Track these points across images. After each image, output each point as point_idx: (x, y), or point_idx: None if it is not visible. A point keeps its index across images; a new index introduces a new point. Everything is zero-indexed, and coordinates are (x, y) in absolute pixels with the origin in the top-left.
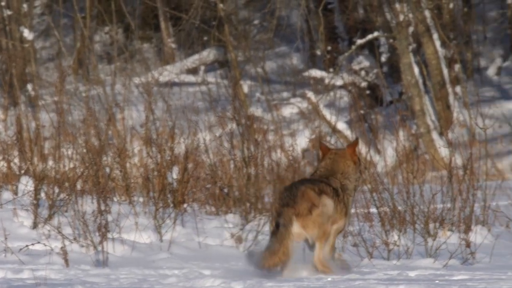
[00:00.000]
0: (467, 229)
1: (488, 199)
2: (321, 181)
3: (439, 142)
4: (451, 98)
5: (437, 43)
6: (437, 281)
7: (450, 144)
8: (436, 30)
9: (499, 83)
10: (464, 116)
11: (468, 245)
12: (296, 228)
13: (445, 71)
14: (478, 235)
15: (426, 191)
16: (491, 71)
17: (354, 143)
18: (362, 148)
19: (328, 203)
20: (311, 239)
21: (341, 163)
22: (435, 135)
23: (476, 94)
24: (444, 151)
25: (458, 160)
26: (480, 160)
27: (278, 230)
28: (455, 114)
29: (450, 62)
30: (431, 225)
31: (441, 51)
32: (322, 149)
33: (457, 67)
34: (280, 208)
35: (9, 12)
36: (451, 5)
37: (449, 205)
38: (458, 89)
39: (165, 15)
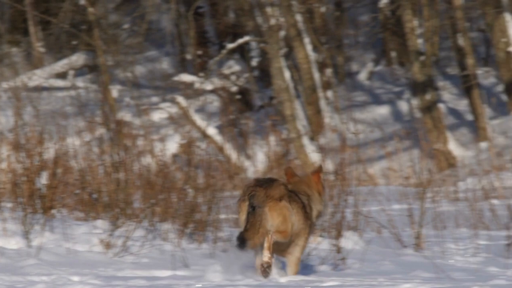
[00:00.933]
0: (338, 235)
1: (359, 204)
2: (293, 191)
3: (310, 147)
4: (322, 102)
5: (309, 47)
6: (308, 287)
7: (321, 149)
8: (308, 34)
9: (371, 88)
10: (336, 121)
11: (339, 250)
12: (267, 209)
13: (316, 76)
14: (349, 240)
15: None
16: (362, 76)
17: (318, 171)
18: (232, 154)
19: (293, 208)
20: (271, 227)
21: (305, 188)
22: (306, 140)
23: (347, 99)
24: (315, 156)
25: (329, 165)
26: (352, 165)
27: (255, 211)
28: (326, 119)
29: (321, 67)
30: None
31: (312, 55)
32: (287, 175)
33: (328, 71)
34: (254, 187)
35: None
36: (322, 9)
37: None
38: (329, 93)
39: (34, 19)
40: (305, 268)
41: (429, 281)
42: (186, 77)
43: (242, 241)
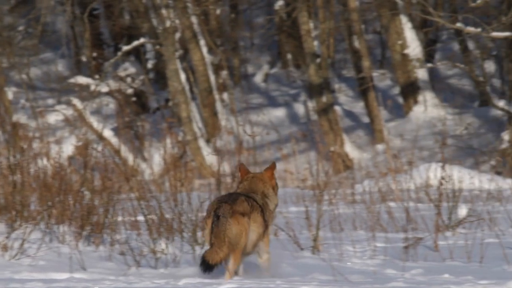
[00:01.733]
0: None
1: None
2: (250, 197)
3: (206, 150)
4: (218, 105)
5: (204, 50)
6: None
7: (217, 151)
8: (203, 36)
9: (267, 90)
10: (232, 123)
11: None
12: (232, 220)
13: (212, 78)
14: None
15: (194, 199)
16: (258, 78)
17: (271, 167)
18: (128, 156)
19: (255, 221)
20: (234, 237)
21: (260, 185)
22: (202, 143)
23: (243, 101)
24: (211, 159)
25: (226, 168)
26: (249, 167)
27: (219, 220)
28: (222, 121)
29: (217, 69)
30: (199, 233)
31: (208, 57)
32: (241, 172)
33: (224, 73)
34: (217, 203)
35: None
36: (218, 11)
37: None
38: (225, 96)
39: None
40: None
41: (327, 283)
42: (81, 79)
43: (207, 266)
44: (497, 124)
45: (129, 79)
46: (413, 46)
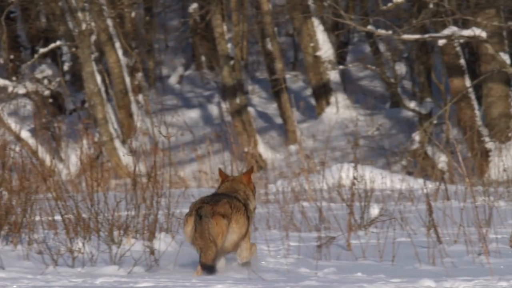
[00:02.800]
0: (151, 236)
1: (172, 206)
2: (233, 197)
3: (122, 150)
4: (133, 106)
5: (120, 52)
6: None
7: (133, 152)
8: (119, 39)
9: (181, 92)
10: (147, 124)
11: (152, 252)
12: (212, 220)
13: (127, 80)
14: (162, 242)
15: (110, 199)
16: (173, 80)
17: (250, 171)
18: (45, 156)
19: (237, 220)
20: (211, 238)
21: (241, 186)
22: (117, 143)
23: (158, 103)
24: (127, 159)
25: (142, 168)
26: (163, 168)
27: (202, 220)
28: (137, 122)
29: (132, 71)
30: (116, 233)
31: (123, 59)
32: (220, 176)
33: (139, 75)
34: (200, 203)
35: None
36: (133, 14)
37: (133, 212)
38: (140, 97)
39: None
40: (118, 269)
41: (242, 282)
42: None
43: (208, 268)
44: (408, 125)
45: (45, 81)
46: (325, 48)
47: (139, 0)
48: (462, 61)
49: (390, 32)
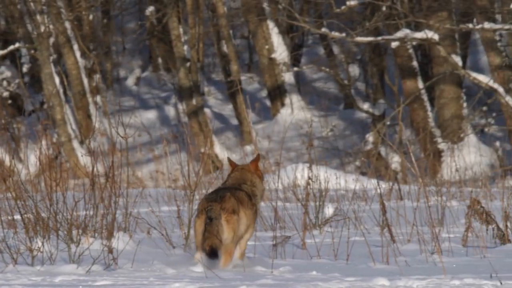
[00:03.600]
0: (109, 236)
1: (129, 206)
2: (237, 189)
3: (80, 151)
4: (91, 107)
5: (78, 54)
6: (80, 287)
7: (91, 152)
8: (77, 41)
9: (138, 93)
10: (105, 125)
11: (110, 251)
12: (223, 219)
13: (86, 81)
14: (120, 241)
15: (69, 199)
16: (130, 81)
17: (256, 159)
18: (4, 157)
19: (244, 211)
20: (226, 237)
21: (248, 175)
22: (76, 144)
23: (116, 104)
24: (85, 159)
25: (100, 168)
26: (121, 168)
27: (212, 222)
28: (96, 123)
29: (90, 73)
30: (74, 232)
31: (81, 61)
32: (230, 165)
33: (97, 77)
34: (207, 203)
35: None
36: (91, 17)
37: (91, 212)
38: (98, 98)
39: None
40: (77, 268)
41: (198, 280)
42: None
43: (211, 253)
44: (361, 126)
45: (5, 83)
46: (280, 51)
47: (97, 3)
48: (414, 63)
49: (343, 34)
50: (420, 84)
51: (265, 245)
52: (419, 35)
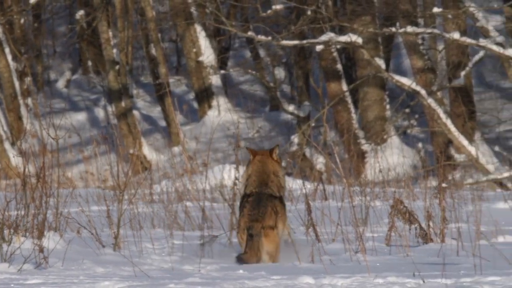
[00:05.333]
0: (40, 235)
1: (60, 206)
2: (270, 195)
3: (11, 152)
4: (23, 109)
5: (9, 57)
6: (12, 285)
7: (22, 153)
8: (8, 44)
9: (69, 95)
10: (36, 126)
11: (41, 250)
12: (264, 239)
13: (17, 84)
14: (51, 240)
15: (1, 199)
16: (60, 84)
17: (275, 148)
18: None
19: (280, 223)
20: (268, 252)
21: (270, 165)
22: (7, 145)
23: (47, 106)
24: (16, 160)
25: (31, 169)
26: (52, 168)
27: (253, 239)
28: (27, 125)
29: (21, 75)
30: (6, 231)
31: (12, 64)
32: (251, 152)
33: (28, 79)
34: (250, 223)
35: None
36: (22, 20)
37: (23, 212)
38: (29, 101)
39: None
40: (8, 267)
41: (128, 278)
42: None
43: (241, 261)
44: (287, 127)
45: None
46: (207, 54)
47: (28, 7)
48: (339, 66)
49: (269, 38)
50: (344, 87)
51: (193, 244)
52: (343, 38)
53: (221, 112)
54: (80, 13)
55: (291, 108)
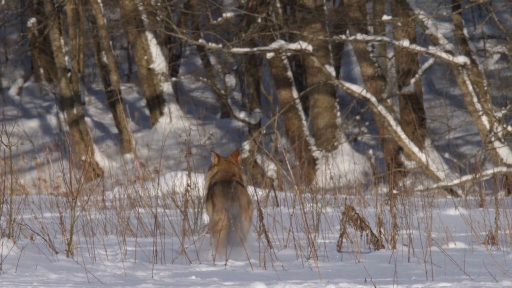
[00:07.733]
0: None
1: (13, 212)
2: (239, 184)
3: None
4: None
5: None
6: None
7: None
8: None
9: (21, 103)
10: None
11: None
12: (243, 218)
13: None
14: (4, 247)
15: None
16: (12, 91)
17: (236, 153)
18: None
19: (251, 208)
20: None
21: (234, 168)
22: None
23: None
24: None
25: None
26: (5, 175)
27: (236, 221)
28: None
29: None
30: None
31: None
32: (216, 157)
33: None
34: (227, 202)
35: None
36: None
37: None
38: None
39: None
40: None
41: (81, 285)
42: None
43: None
44: (238, 134)
45: None
46: (158, 61)
47: None
48: (289, 73)
49: (220, 45)
50: (295, 94)
51: (146, 250)
52: (293, 46)
53: (172, 119)
54: (32, 21)
55: (242, 115)
